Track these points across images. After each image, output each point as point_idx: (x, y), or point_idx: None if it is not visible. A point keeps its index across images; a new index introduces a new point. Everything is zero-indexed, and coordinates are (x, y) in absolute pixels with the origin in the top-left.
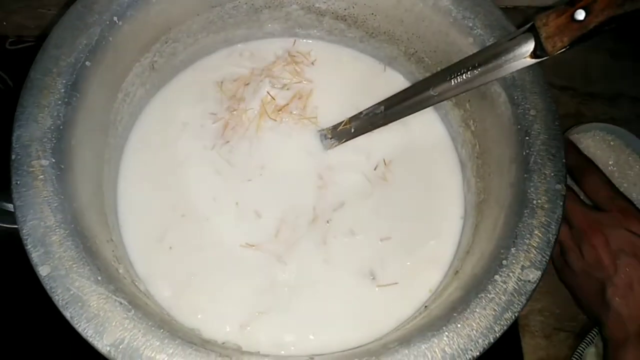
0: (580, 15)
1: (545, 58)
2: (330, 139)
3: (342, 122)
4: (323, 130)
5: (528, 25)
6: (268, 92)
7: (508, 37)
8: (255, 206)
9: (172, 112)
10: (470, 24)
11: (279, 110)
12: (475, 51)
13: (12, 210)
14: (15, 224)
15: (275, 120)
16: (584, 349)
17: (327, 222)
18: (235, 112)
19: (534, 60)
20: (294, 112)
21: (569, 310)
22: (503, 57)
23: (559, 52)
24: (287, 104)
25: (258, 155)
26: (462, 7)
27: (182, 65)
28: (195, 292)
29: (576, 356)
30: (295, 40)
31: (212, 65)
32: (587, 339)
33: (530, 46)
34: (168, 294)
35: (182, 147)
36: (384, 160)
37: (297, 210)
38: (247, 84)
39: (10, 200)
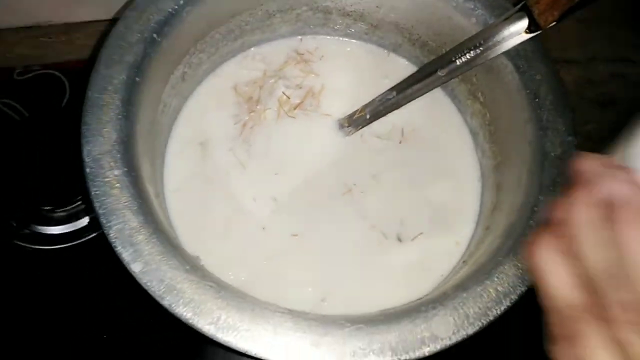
0: None
1: (539, 32)
2: (348, 126)
3: (357, 110)
4: (340, 119)
5: (521, 4)
6: (283, 92)
7: (504, 17)
8: (289, 197)
9: (201, 118)
10: (472, 6)
11: (294, 109)
12: (477, 30)
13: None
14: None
15: (294, 118)
16: None
17: (361, 192)
18: (253, 113)
19: (529, 35)
20: (309, 108)
21: None
22: (501, 35)
23: (551, 25)
24: (302, 102)
25: (282, 151)
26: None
27: (205, 73)
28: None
29: None
30: (301, 38)
31: (230, 70)
32: None
33: (524, 23)
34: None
35: (213, 150)
36: (402, 132)
37: (328, 190)
38: (262, 87)
39: (41, 222)
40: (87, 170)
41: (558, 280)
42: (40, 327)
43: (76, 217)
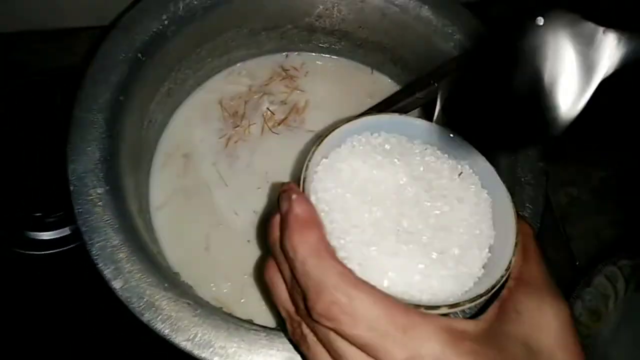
0: (540, 22)
1: None
2: None
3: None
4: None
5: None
6: (268, 108)
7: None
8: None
9: (187, 133)
10: (450, 31)
11: (278, 124)
12: (455, 54)
13: (37, 238)
14: (39, 250)
15: (278, 134)
16: (572, 303)
17: None
18: (238, 128)
19: None
20: (293, 124)
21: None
22: None
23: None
24: (286, 117)
25: (265, 166)
26: (442, 17)
27: (191, 88)
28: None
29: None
30: (287, 55)
31: (216, 85)
32: (574, 293)
33: None
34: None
35: (197, 164)
36: None
37: None
38: (247, 102)
39: (34, 228)
40: (72, 188)
41: (281, 293)
42: (32, 331)
43: (66, 223)
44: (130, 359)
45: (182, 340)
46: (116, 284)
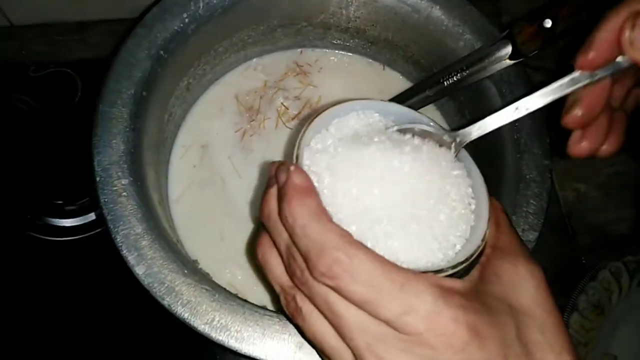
0: (548, 23)
1: (521, 59)
2: None
3: None
4: None
5: (505, 33)
6: (282, 103)
7: (489, 44)
8: None
9: (203, 126)
10: (460, 31)
11: (292, 119)
12: (465, 53)
13: (56, 224)
14: (60, 236)
15: (291, 129)
16: (577, 297)
17: None
18: (254, 122)
19: (512, 62)
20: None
21: (561, 266)
22: (486, 60)
23: (532, 54)
24: (300, 112)
25: (278, 158)
26: (453, 17)
27: (209, 83)
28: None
29: (570, 303)
30: (301, 51)
31: (232, 80)
32: (579, 287)
33: (508, 50)
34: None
35: (213, 156)
36: None
37: None
38: (262, 97)
39: (54, 215)
40: (98, 179)
41: (274, 267)
42: (49, 314)
43: (86, 210)
44: (150, 343)
45: (200, 324)
46: (139, 270)
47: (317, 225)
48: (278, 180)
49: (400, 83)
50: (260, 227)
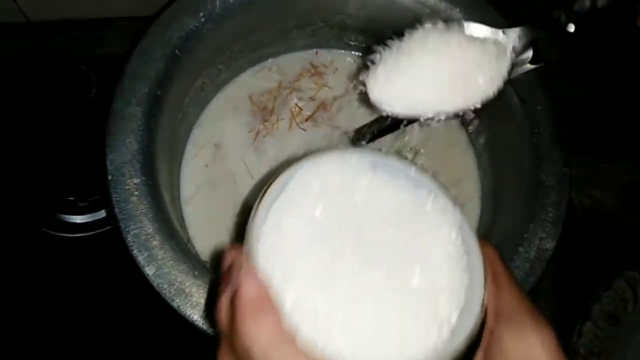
0: (571, 28)
1: (542, 64)
2: (357, 140)
3: (366, 124)
4: (350, 133)
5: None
6: (296, 104)
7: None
8: None
9: (217, 126)
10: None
11: (306, 120)
12: None
13: (69, 220)
14: (71, 232)
15: (305, 130)
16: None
17: None
18: (267, 123)
19: (533, 66)
20: (321, 120)
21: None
22: None
23: (554, 58)
24: (314, 114)
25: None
26: (472, 20)
27: (223, 83)
28: None
29: (583, 312)
30: (317, 52)
31: (246, 80)
32: (593, 296)
33: (529, 54)
34: None
35: (226, 156)
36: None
37: None
38: (276, 97)
39: (66, 211)
40: (110, 177)
41: None
42: (60, 310)
43: (98, 207)
44: (158, 340)
45: (210, 327)
46: (149, 270)
47: (277, 353)
48: (231, 282)
49: None
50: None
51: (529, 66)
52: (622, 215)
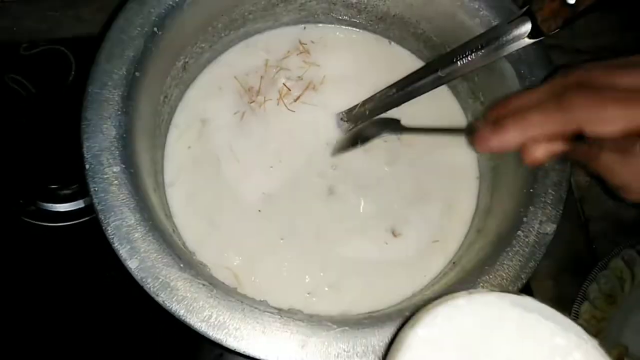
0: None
1: (541, 38)
2: (347, 121)
3: (357, 105)
4: (340, 114)
5: (525, 9)
6: (284, 84)
7: (507, 21)
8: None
9: (201, 107)
10: (477, 6)
11: (295, 100)
12: (481, 31)
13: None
14: (53, 222)
15: (294, 111)
16: (587, 286)
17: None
18: (253, 104)
19: (531, 41)
20: (310, 101)
21: (571, 254)
22: (504, 39)
23: (553, 32)
24: (302, 94)
25: (279, 143)
26: None
27: (207, 62)
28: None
29: (581, 293)
30: (305, 27)
31: (231, 59)
32: (590, 276)
33: (527, 28)
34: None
35: (211, 138)
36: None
37: (323, 185)
38: (263, 77)
39: (47, 200)
40: (87, 166)
41: None
42: (42, 300)
43: (81, 195)
44: (141, 333)
45: (197, 322)
46: (132, 264)
47: None
48: None
49: (410, 61)
50: None
51: (527, 40)
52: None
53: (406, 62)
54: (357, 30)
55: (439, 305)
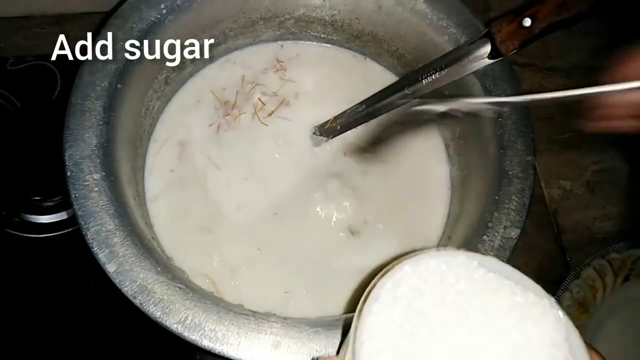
0: (527, 22)
1: (500, 59)
2: (319, 136)
3: (329, 120)
4: (313, 128)
5: (484, 32)
6: (259, 99)
7: (468, 42)
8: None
9: (180, 121)
10: (445, 24)
11: (269, 115)
12: (450, 48)
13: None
14: (37, 233)
15: (267, 125)
16: (561, 295)
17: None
18: (229, 117)
19: (491, 61)
20: (284, 116)
21: (545, 263)
22: (465, 59)
23: (512, 53)
24: (276, 109)
25: (252, 155)
26: (437, 10)
27: (188, 75)
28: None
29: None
30: (282, 45)
31: (211, 74)
32: (563, 285)
33: (487, 49)
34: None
35: (190, 151)
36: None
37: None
38: (238, 91)
39: (31, 211)
40: (68, 173)
41: None
42: (26, 312)
43: (64, 207)
44: (124, 341)
45: (173, 323)
46: (110, 268)
47: None
48: None
49: (386, 77)
50: None
51: (487, 61)
52: (591, 205)
53: (382, 78)
54: (334, 47)
55: (409, 260)
